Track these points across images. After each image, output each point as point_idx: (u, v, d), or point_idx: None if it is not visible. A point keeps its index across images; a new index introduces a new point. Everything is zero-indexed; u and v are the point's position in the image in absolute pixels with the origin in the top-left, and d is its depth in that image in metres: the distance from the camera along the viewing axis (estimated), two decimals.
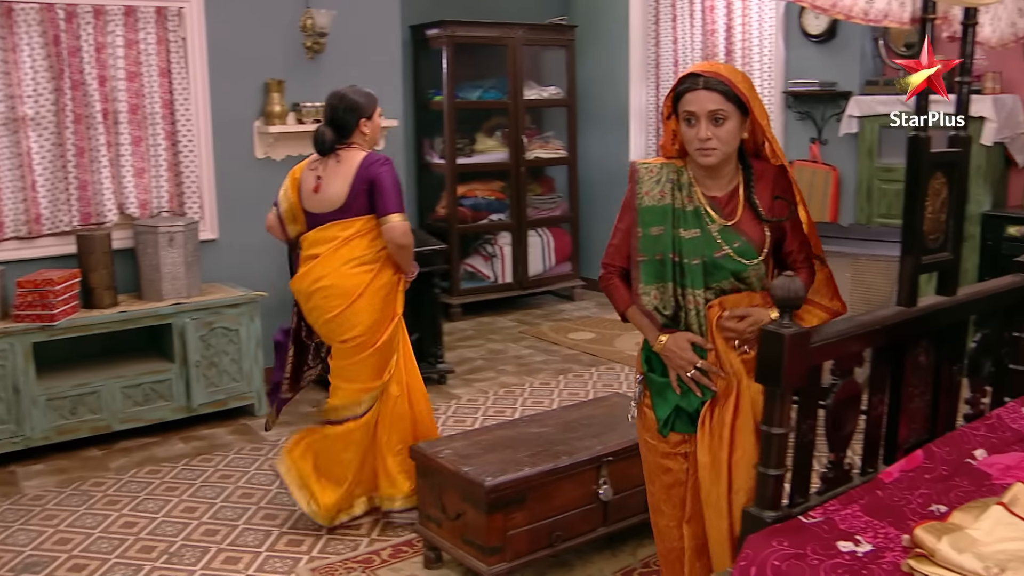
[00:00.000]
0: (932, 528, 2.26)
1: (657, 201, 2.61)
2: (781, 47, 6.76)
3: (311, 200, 3.83)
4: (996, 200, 5.71)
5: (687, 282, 2.58)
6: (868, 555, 2.26)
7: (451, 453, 3.46)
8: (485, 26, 7.46)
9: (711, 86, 2.46)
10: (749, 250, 2.56)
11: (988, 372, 3.25)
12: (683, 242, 2.57)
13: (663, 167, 2.65)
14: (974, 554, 2.13)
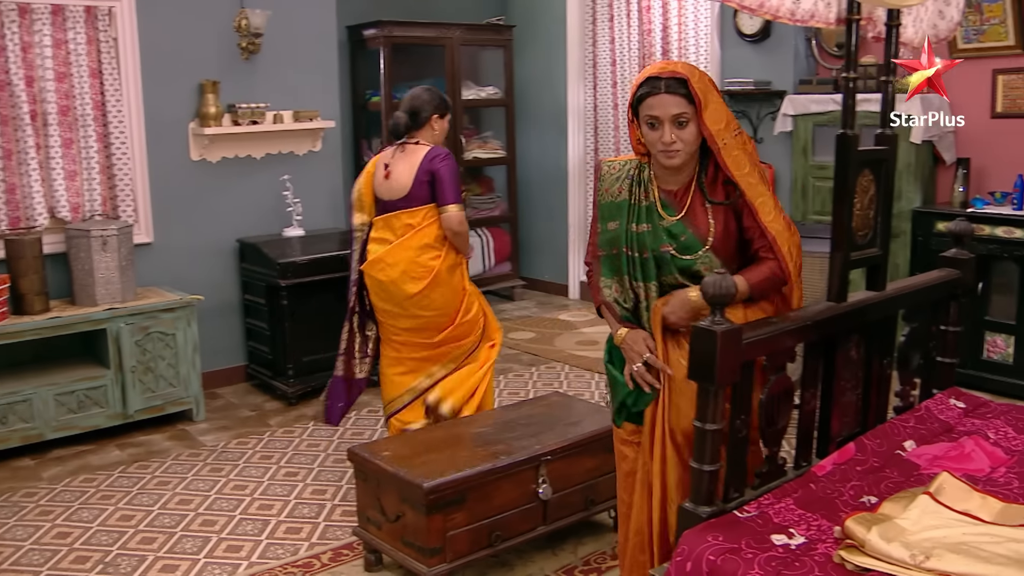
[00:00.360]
0: (862, 519, 2.30)
1: (614, 197, 2.71)
2: (717, 47, 6.84)
3: (382, 187, 4.20)
4: (926, 197, 5.83)
5: (638, 276, 2.67)
6: (801, 547, 2.30)
7: (389, 455, 3.45)
8: (422, 26, 7.43)
9: (672, 89, 2.51)
10: (694, 242, 2.62)
11: (917, 365, 3.31)
12: (635, 237, 2.66)
13: (625, 164, 2.75)
14: (901, 543, 2.18)
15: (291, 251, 5.57)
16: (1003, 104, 5.61)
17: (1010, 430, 3.10)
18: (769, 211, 2.62)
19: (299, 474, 4.50)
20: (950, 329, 3.37)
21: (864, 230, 2.83)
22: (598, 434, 3.66)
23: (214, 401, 5.59)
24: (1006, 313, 5.33)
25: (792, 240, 2.67)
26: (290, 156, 6.03)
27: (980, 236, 5.28)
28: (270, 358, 5.70)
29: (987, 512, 2.38)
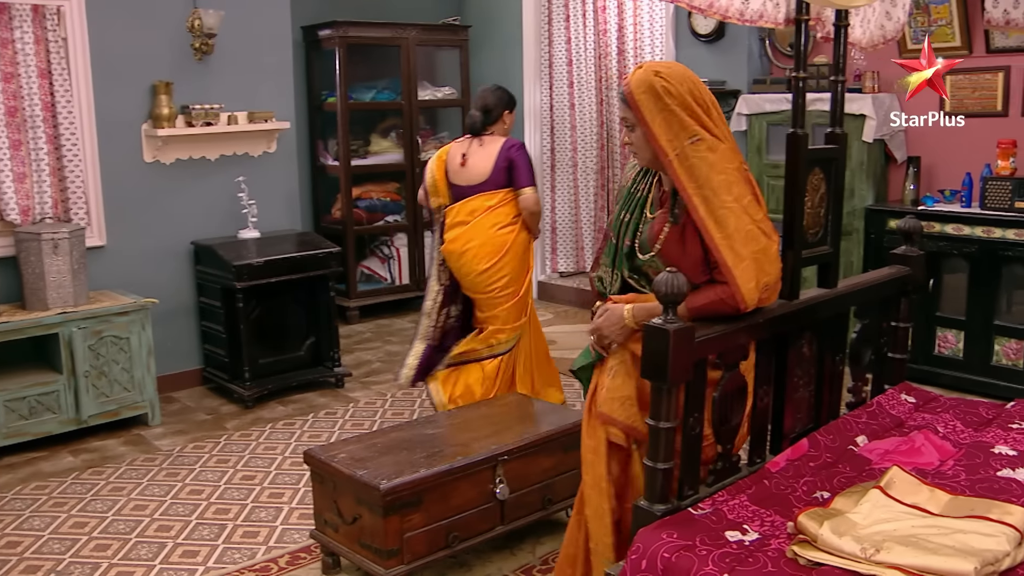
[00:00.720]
0: (815, 514, 2.33)
1: (624, 184, 2.80)
2: (672, 47, 6.88)
3: (458, 174, 4.70)
4: (878, 195, 5.91)
5: (609, 263, 2.75)
6: (755, 543, 2.32)
7: (346, 457, 3.43)
8: (378, 26, 7.40)
9: (620, 96, 2.59)
10: (645, 244, 2.65)
11: (868, 361, 3.36)
12: (620, 225, 2.73)
13: None
14: (852, 537, 2.21)
15: (247, 253, 5.53)
16: (951, 104, 5.70)
17: (959, 424, 3.16)
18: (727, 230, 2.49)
19: (256, 477, 4.47)
20: (900, 325, 3.43)
21: (815, 228, 2.87)
22: (555, 434, 3.67)
23: (170, 405, 5.53)
24: (956, 309, 5.42)
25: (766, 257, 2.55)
26: (245, 157, 5.98)
27: (930, 233, 5.37)
28: (226, 361, 5.65)
29: (935, 505, 2.42)
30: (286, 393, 5.70)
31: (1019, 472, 2.71)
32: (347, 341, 6.76)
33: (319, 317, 5.90)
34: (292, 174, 6.26)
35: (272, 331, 5.72)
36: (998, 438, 2.98)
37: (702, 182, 2.49)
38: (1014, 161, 5.28)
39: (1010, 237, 5.14)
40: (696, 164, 2.49)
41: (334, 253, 5.80)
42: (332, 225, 7.55)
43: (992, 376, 5.27)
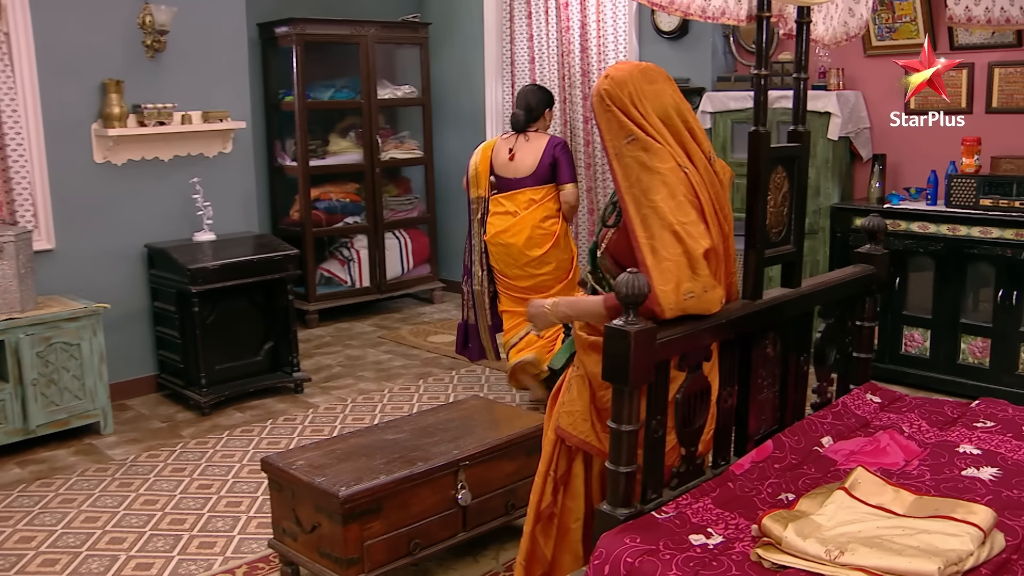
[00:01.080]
0: (779, 516, 2.34)
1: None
2: (635, 44, 6.91)
3: (505, 168, 5.18)
4: (844, 193, 5.97)
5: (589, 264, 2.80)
6: (719, 547, 2.33)
7: (304, 464, 3.41)
8: (336, 24, 7.37)
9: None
10: (594, 247, 2.71)
11: (833, 361, 3.39)
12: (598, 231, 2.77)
13: None
14: (817, 539, 2.22)
15: (202, 256, 5.48)
16: (916, 101, 5.76)
17: (924, 423, 3.20)
18: (650, 231, 2.50)
19: (213, 486, 4.43)
20: (865, 324, 3.46)
21: (778, 227, 2.89)
22: (518, 438, 3.67)
23: (123, 413, 5.47)
24: (923, 307, 5.49)
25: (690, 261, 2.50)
26: (200, 158, 5.93)
27: (896, 231, 5.43)
28: (182, 367, 5.60)
29: (900, 505, 2.45)
30: (244, 399, 5.65)
31: (983, 471, 2.75)
32: (306, 345, 6.73)
33: (277, 321, 5.86)
34: (248, 175, 6.22)
35: (229, 336, 5.67)
36: (963, 437, 3.03)
37: (633, 181, 2.53)
38: (978, 158, 5.36)
39: (975, 235, 5.21)
40: (629, 163, 2.53)
41: (292, 256, 5.76)
42: (290, 227, 7.51)
43: (959, 375, 5.34)
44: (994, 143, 5.44)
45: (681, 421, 2.62)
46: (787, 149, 2.90)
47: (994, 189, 5.20)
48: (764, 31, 2.71)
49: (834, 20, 3.19)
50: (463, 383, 5.89)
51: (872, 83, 5.97)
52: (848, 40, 3.41)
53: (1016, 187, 5.13)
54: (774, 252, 2.92)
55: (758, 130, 2.74)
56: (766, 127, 2.76)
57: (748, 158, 2.79)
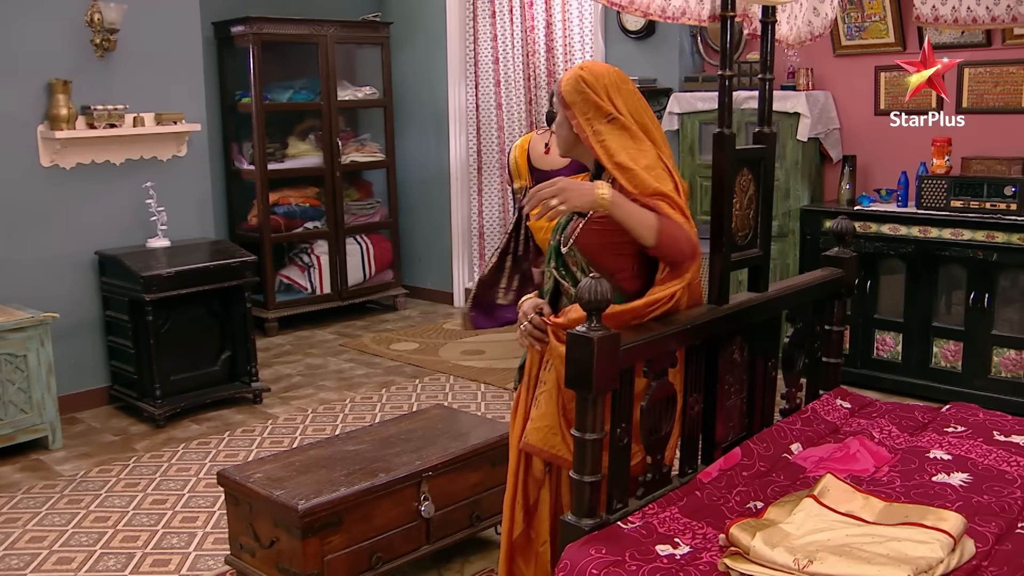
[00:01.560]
0: (747, 525, 2.36)
1: None
2: (601, 44, 6.94)
3: (542, 161, 5.52)
4: (814, 195, 6.02)
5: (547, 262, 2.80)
6: (686, 557, 2.35)
7: (262, 477, 3.39)
8: (294, 23, 7.35)
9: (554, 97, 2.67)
10: (567, 238, 2.70)
11: (802, 366, 3.42)
12: (557, 227, 2.78)
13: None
14: (785, 547, 2.24)
15: (156, 263, 5.44)
16: (886, 101, 5.84)
17: (894, 429, 3.23)
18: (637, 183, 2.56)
19: (167, 501, 4.40)
20: (834, 328, 3.49)
21: (744, 230, 2.91)
22: (482, 447, 3.67)
23: (73, 427, 5.41)
24: (894, 311, 5.54)
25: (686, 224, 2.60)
26: (153, 162, 5.88)
27: (867, 234, 5.49)
28: (135, 378, 5.55)
29: (869, 512, 2.47)
30: (200, 411, 5.61)
31: (954, 477, 2.78)
32: (265, 355, 6.69)
33: (235, 330, 5.83)
34: (204, 179, 6.18)
35: (185, 345, 5.63)
36: (933, 442, 3.06)
37: (615, 152, 2.60)
38: (949, 159, 5.41)
39: (946, 236, 5.28)
40: (609, 139, 2.61)
41: (250, 262, 5.73)
42: (248, 233, 7.47)
43: (932, 379, 5.40)
44: (965, 144, 5.50)
45: (647, 429, 2.63)
46: (753, 151, 2.92)
47: (965, 190, 5.26)
48: (728, 31, 2.73)
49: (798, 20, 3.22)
50: (427, 392, 5.88)
51: (842, 83, 6.03)
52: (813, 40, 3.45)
53: (987, 188, 5.20)
54: (740, 256, 2.95)
55: (723, 132, 2.76)
56: (732, 129, 2.79)
57: (713, 160, 2.81)
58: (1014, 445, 3.03)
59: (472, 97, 7.93)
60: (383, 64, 7.94)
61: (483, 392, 5.85)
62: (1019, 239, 5.04)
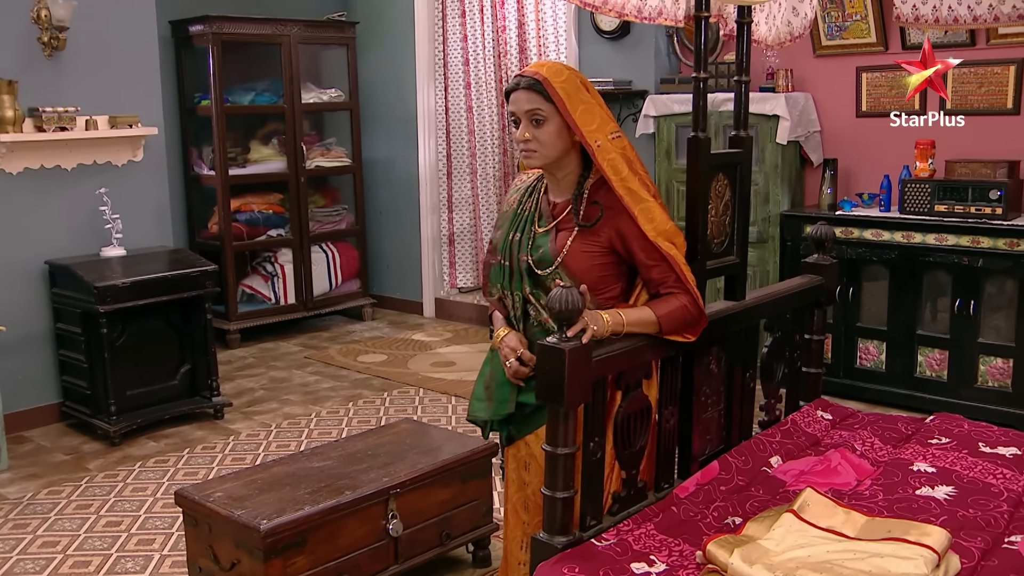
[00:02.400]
0: (724, 542, 2.37)
1: (509, 206, 2.82)
2: (575, 44, 6.98)
3: None
4: (794, 200, 6.07)
5: (506, 284, 2.75)
6: (662, 575, 2.36)
7: (222, 496, 3.37)
8: (256, 22, 7.33)
9: (528, 85, 2.59)
10: (548, 258, 2.66)
11: (781, 376, 3.44)
12: (509, 245, 2.73)
13: (534, 175, 2.85)
14: (764, 565, 2.25)
15: (111, 273, 5.41)
16: (868, 103, 5.89)
17: (877, 441, 3.26)
18: (652, 217, 2.60)
19: (122, 523, 4.36)
20: (814, 338, 3.52)
21: (720, 237, 2.93)
22: (452, 463, 3.67)
23: (20, 446, 5.36)
24: (878, 319, 5.59)
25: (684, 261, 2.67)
26: (107, 167, 5.85)
27: (849, 239, 5.53)
28: (88, 394, 5.52)
29: (851, 528, 2.48)
30: (158, 427, 5.58)
31: (938, 490, 2.80)
32: (227, 368, 6.67)
33: (195, 342, 5.81)
34: (162, 185, 6.15)
35: (141, 359, 5.60)
36: (917, 455, 3.08)
37: (624, 176, 2.60)
38: (933, 162, 5.45)
39: (931, 242, 5.32)
40: (615, 159, 2.60)
41: (210, 271, 5.71)
42: (208, 241, 7.44)
43: (916, 388, 5.44)
44: (949, 146, 5.54)
45: (621, 443, 2.64)
46: (728, 155, 2.94)
47: (949, 194, 5.30)
48: (703, 32, 2.75)
49: (777, 20, 3.25)
50: (395, 405, 5.88)
51: (823, 84, 6.09)
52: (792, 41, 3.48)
53: (972, 192, 5.24)
54: (716, 263, 2.97)
55: (697, 136, 2.78)
56: (706, 132, 2.81)
57: (687, 165, 2.83)
58: (1000, 457, 3.06)
59: (441, 99, 7.94)
60: (349, 65, 7.94)
61: (454, 405, 5.85)
62: (1005, 244, 5.09)
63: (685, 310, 2.63)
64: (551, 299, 2.34)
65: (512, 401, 2.73)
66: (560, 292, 2.32)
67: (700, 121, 2.79)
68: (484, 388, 2.82)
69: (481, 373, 2.87)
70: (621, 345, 2.54)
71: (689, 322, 2.66)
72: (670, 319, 2.62)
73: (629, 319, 2.58)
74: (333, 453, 3.82)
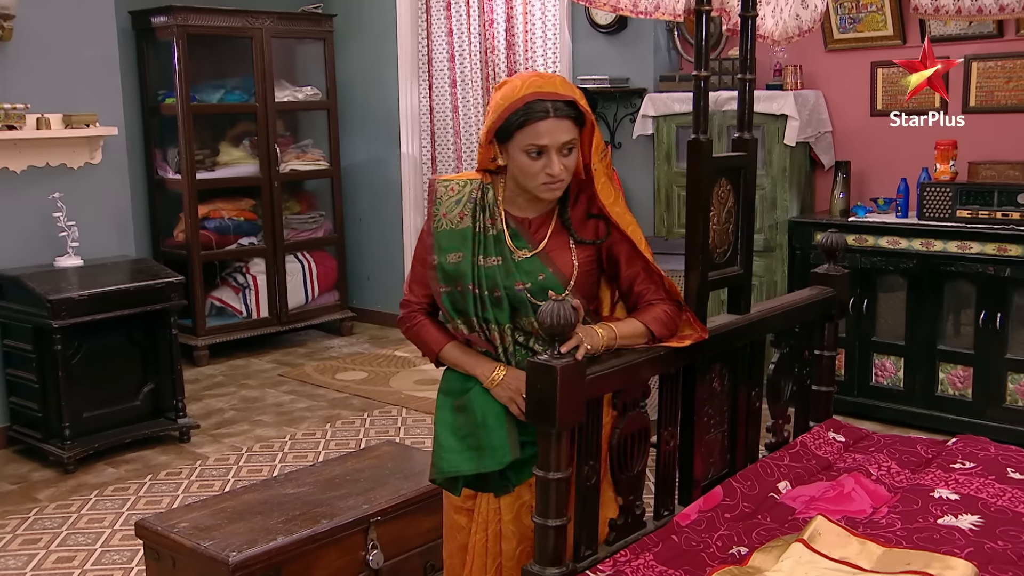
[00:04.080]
0: (729, 573, 2.39)
1: (455, 224, 2.65)
2: (568, 39, 7.00)
3: None
4: (803, 205, 6.09)
5: (490, 316, 2.62)
6: None
7: (188, 526, 3.37)
8: (225, 14, 7.32)
9: (562, 113, 2.48)
10: (554, 283, 2.60)
11: (789, 395, 3.45)
12: (483, 272, 2.61)
13: (466, 184, 2.69)
14: None
15: (66, 285, 5.40)
16: (883, 101, 5.91)
17: (894, 465, 3.26)
18: (640, 240, 2.64)
19: (75, 559, 4.34)
20: (825, 353, 3.53)
21: (723, 246, 2.95)
22: (437, 489, 3.65)
23: None
24: (895, 333, 5.60)
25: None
26: (61, 170, 5.85)
27: (863, 248, 5.55)
28: (40, 416, 5.49)
29: (866, 559, 2.49)
30: (118, 452, 5.57)
31: (962, 519, 2.78)
32: (194, 387, 6.67)
33: (159, 359, 5.80)
34: (123, 190, 6.16)
35: (99, 378, 5.59)
36: (938, 480, 3.07)
37: (612, 200, 2.62)
38: (954, 164, 5.45)
39: (952, 250, 5.33)
40: (606, 182, 2.61)
41: (176, 283, 5.71)
42: (174, 250, 7.45)
43: (937, 408, 5.45)
44: (972, 147, 5.55)
45: (618, 467, 2.66)
46: (732, 159, 2.97)
47: (973, 199, 5.31)
48: (704, 27, 2.77)
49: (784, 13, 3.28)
50: (376, 427, 5.89)
51: (834, 81, 6.11)
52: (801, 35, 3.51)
53: (998, 196, 5.24)
54: (719, 274, 2.98)
55: (698, 138, 2.80)
56: (708, 135, 2.83)
57: (687, 169, 2.85)
58: None
59: (425, 98, 7.96)
60: (326, 61, 7.95)
61: None
62: None
63: (669, 314, 2.69)
64: (542, 313, 2.34)
65: (516, 445, 2.60)
66: (552, 306, 2.32)
67: (701, 122, 2.80)
68: (458, 438, 2.68)
69: (443, 420, 2.73)
70: (617, 362, 2.55)
71: (671, 327, 2.71)
72: (659, 324, 2.67)
73: (621, 332, 2.61)
74: (309, 478, 3.83)
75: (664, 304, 2.68)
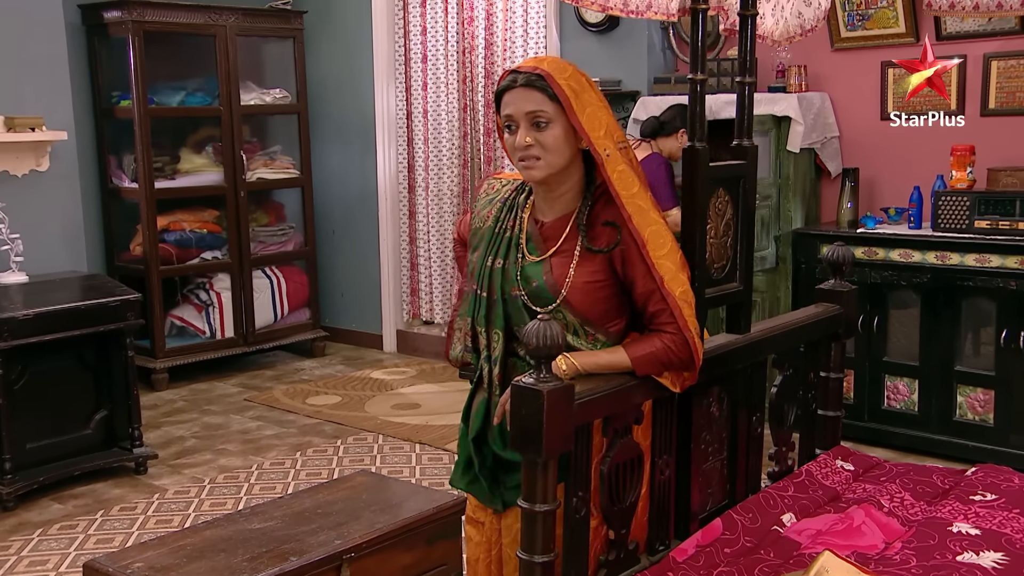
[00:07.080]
0: None
1: (483, 222, 2.79)
2: (555, 38, 7.03)
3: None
4: (809, 216, 6.11)
5: (483, 321, 2.71)
6: None
7: (142, 566, 3.36)
8: (185, 9, 7.30)
9: (529, 83, 2.58)
10: (544, 292, 2.65)
11: (794, 420, 3.47)
12: (487, 273, 2.71)
13: (508, 184, 2.82)
14: None
15: (8, 304, 5.37)
16: (894, 103, 5.94)
17: (907, 496, 3.26)
18: (663, 244, 2.63)
19: None
20: (831, 376, 3.55)
21: (721, 261, 2.97)
22: (416, 522, 3.67)
23: None
24: (908, 353, 5.61)
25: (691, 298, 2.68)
26: (4, 177, 5.85)
27: (873, 261, 5.57)
28: None
29: None
30: (65, 486, 5.52)
31: (984, 557, 2.77)
32: (152, 413, 6.66)
33: (113, 384, 5.79)
34: (73, 199, 6.16)
35: (46, 405, 5.55)
36: (957, 513, 3.06)
37: (635, 192, 2.63)
38: (972, 171, 5.44)
39: (970, 264, 5.34)
40: (625, 171, 2.63)
41: (133, 301, 5.70)
42: (131, 265, 7.45)
43: (955, 434, 5.45)
44: (991, 152, 5.56)
45: (609, 498, 2.67)
46: (730, 168, 2.99)
47: (992, 208, 5.32)
48: (700, 27, 2.79)
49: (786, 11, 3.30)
50: (349, 455, 5.89)
51: (842, 83, 6.14)
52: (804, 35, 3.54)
53: (1020, 205, 5.24)
54: (717, 291, 3.00)
55: (694, 146, 2.82)
56: (704, 142, 2.85)
57: (683, 179, 2.88)
58: None
59: (402, 101, 7.97)
60: (296, 62, 7.97)
61: (418, 454, 5.87)
62: None
63: (667, 351, 2.64)
64: (526, 333, 2.35)
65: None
66: (538, 326, 2.33)
67: (697, 129, 2.83)
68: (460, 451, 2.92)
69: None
70: (607, 385, 2.57)
71: (668, 364, 2.66)
72: (645, 362, 2.64)
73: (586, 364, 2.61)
74: (277, 512, 3.82)
75: (666, 337, 2.63)
